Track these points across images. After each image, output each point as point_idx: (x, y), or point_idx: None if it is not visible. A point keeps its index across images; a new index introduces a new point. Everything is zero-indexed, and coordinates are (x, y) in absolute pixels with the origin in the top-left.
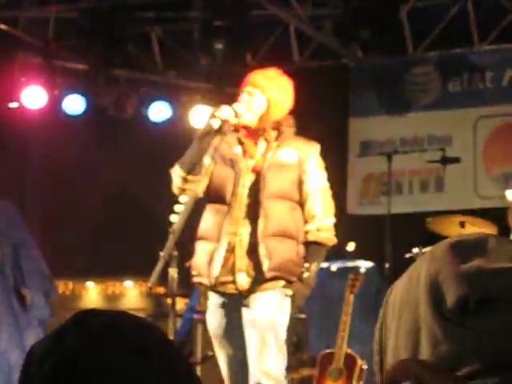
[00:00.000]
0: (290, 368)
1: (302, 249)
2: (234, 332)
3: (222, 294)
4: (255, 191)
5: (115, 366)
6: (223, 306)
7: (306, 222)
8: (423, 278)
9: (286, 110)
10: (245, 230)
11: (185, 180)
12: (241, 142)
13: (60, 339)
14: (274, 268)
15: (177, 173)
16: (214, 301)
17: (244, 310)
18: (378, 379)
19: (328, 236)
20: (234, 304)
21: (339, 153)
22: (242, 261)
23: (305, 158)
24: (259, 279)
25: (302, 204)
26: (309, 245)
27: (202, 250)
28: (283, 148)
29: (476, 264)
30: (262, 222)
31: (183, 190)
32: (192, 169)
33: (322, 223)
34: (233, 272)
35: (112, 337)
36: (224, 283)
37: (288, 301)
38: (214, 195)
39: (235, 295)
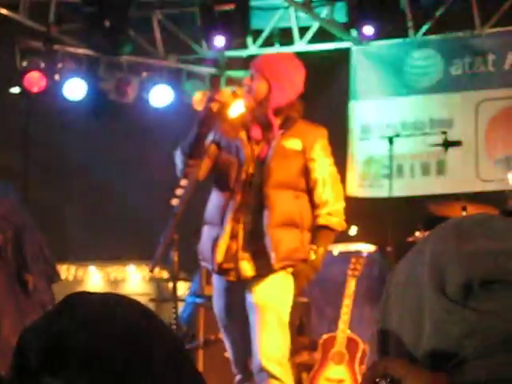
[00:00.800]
0: (291, 352)
1: (306, 236)
2: (238, 315)
3: (227, 279)
4: (259, 180)
5: (105, 347)
6: (227, 289)
7: (316, 207)
8: (427, 259)
9: (289, 96)
10: (248, 218)
11: (186, 164)
12: (246, 128)
13: (51, 321)
14: (281, 259)
15: (178, 157)
16: (218, 285)
17: (247, 294)
18: (379, 360)
19: (339, 221)
20: (238, 288)
21: (339, 136)
22: (245, 249)
23: (310, 146)
24: (264, 269)
25: (308, 191)
26: (319, 228)
27: (206, 234)
28: (288, 136)
29: (480, 244)
30: (266, 212)
31: (186, 175)
32: (192, 153)
33: (334, 208)
34: (236, 260)
35: (102, 318)
36: (227, 270)
37: (291, 283)
38: (219, 180)
39: (239, 281)
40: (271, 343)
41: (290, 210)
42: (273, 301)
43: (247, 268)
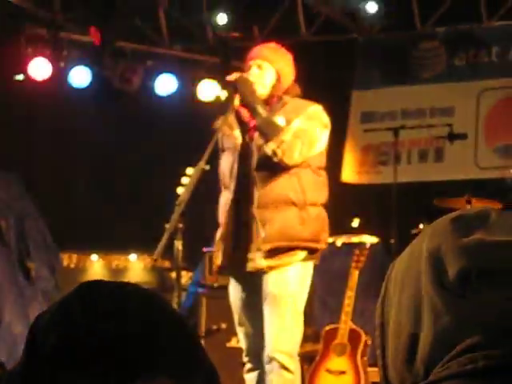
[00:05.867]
0: None
1: (310, 212)
2: (252, 306)
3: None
4: (248, 169)
5: (120, 338)
6: (243, 280)
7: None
8: (425, 252)
9: (290, 81)
10: (246, 208)
11: None
12: (241, 123)
13: (65, 311)
14: (268, 240)
15: None
16: (235, 274)
17: (263, 283)
18: (378, 354)
19: (286, 150)
20: (254, 278)
21: (340, 124)
22: (249, 241)
23: (292, 119)
24: (267, 253)
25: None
26: None
27: (217, 236)
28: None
29: (477, 237)
30: (256, 194)
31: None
32: None
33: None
34: (242, 253)
35: (116, 308)
36: (239, 264)
37: (308, 275)
38: (222, 181)
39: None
40: (283, 334)
41: (280, 188)
42: (288, 292)
43: (257, 257)
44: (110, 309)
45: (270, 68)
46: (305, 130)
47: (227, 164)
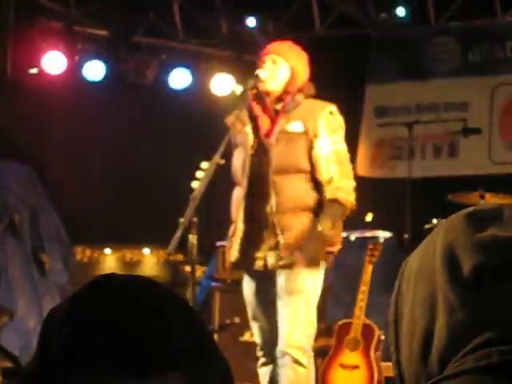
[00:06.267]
0: None
1: None
2: (266, 302)
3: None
4: (265, 169)
5: (133, 332)
6: (257, 275)
7: (322, 185)
8: (439, 248)
9: (304, 79)
10: (259, 207)
11: None
12: (252, 119)
13: (78, 305)
14: (286, 245)
15: None
16: (248, 271)
17: (278, 278)
18: (392, 350)
19: (347, 197)
20: (269, 274)
21: (354, 118)
22: (262, 239)
23: (312, 126)
24: (280, 257)
25: (313, 172)
26: (327, 203)
27: (230, 232)
28: (290, 120)
29: (491, 233)
30: (273, 198)
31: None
32: None
33: (340, 184)
34: (255, 251)
35: (129, 303)
36: (251, 261)
37: (322, 271)
38: (235, 177)
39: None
40: (297, 329)
41: (298, 193)
42: (302, 287)
43: (270, 257)
44: (123, 303)
45: (284, 64)
46: (338, 152)
47: (239, 160)
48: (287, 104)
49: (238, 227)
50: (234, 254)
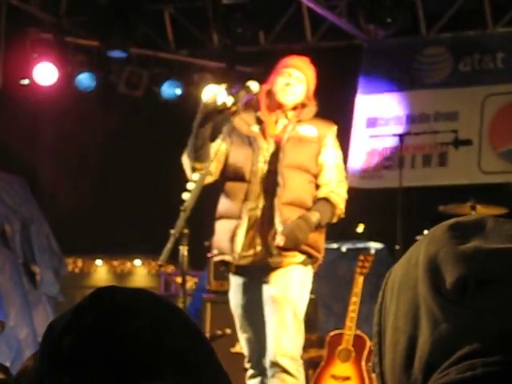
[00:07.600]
0: None
1: None
2: (254, 312)
3: (243, 274)
4: (274, 162)
5: (133, 344)
6: (244, 285)
7: (319, 187)
8: (422, 259)
9: (312, 94)
10: (264, 203)
11: (193, 169)
12: (259, 121)
13: (79, 316)
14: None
15: (185, 163)
16: (235, 281)
17: (264, 287)
18: (376, 362)
19: (339, 201)
20: (255, 282)
21: (345, 129)
22: (261, 233)
23: (323, 135)
24: (277, 250)
25: (317, 177)
26: (318, 200)
27: (222, 228)
28: (303, 123)
29: (474, 244)
30: (279, 190)
31: (194, 180)
32: (198, 156)
33: (336, 190)
34: (254, 245)
35: (131, 315)
36: (245, 257)
37: (309, 279)
38: (233, 174)
39: (256, 272)
40: (285, 338)
41: (302, 191)
42: (290, 296)
43: (265, 251)
44: (124, 316)
45: (302, 78)
46: (340, 167)
47: (242, 158)
48: (301, 113)
49: (243, 222)
50: (239, 247)
